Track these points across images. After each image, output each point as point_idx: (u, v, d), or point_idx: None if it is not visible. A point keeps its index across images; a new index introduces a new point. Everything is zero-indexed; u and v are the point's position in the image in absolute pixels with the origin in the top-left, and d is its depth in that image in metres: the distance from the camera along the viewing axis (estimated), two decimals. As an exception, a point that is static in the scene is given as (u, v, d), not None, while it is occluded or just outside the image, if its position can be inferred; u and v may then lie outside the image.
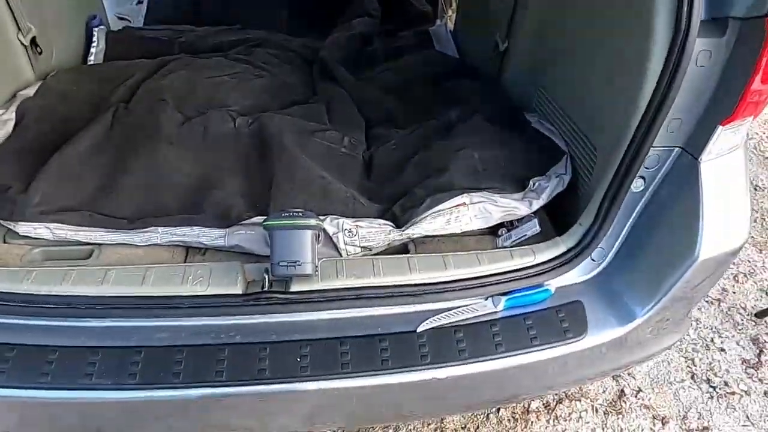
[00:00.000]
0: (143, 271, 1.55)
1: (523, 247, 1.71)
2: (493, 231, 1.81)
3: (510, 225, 1.82)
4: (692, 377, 2.47)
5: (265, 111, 2.13)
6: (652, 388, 2.41)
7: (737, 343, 2.62)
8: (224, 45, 2.75)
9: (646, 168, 1.59)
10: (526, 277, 1.63)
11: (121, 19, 3.43)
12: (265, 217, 1.57)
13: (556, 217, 1.84)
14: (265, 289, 1.52)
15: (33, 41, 2.19)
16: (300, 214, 1.48)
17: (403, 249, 1.76)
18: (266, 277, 1.54)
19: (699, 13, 1.38)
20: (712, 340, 2.62)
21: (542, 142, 1.94)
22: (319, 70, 2.63)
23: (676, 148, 1.57)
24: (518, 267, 1.64)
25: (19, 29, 2.12)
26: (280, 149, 1.88)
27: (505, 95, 2.24)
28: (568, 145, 1.90)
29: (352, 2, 3.35)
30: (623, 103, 1.55)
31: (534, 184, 1.80)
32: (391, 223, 1.73)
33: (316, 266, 1.50)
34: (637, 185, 1.62)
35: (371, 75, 2.65)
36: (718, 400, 2.39)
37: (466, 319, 1.56)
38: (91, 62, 2.64)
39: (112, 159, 1.87)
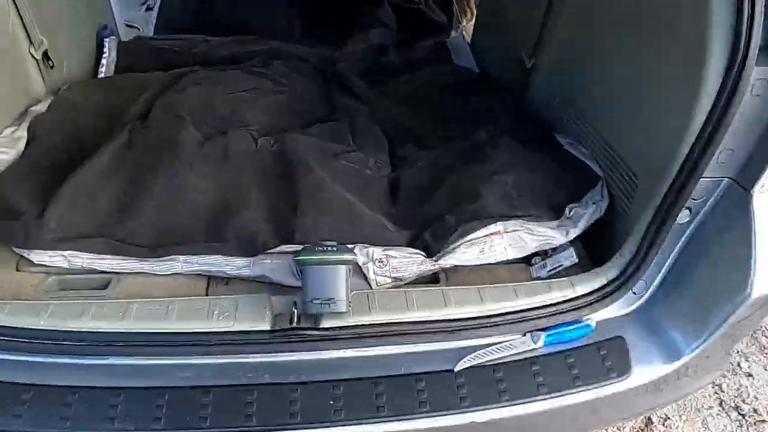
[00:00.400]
0: (166, 304, 1.47)
1: (561, 279, 1.63)
2: (526, 258, 1.74)
3: (544, 253, 1.75)
4: (720, 404, 2.40)
5: (286, 130, 2.06)
6: (680, 416, 2.34)
7: (764, 368, 2.55)
8: (239, 56, 2.67)
9: (694, 199, 1.52)
10: (566, 312, 1.56)
11: (130, 27, 3.35)
12: (294, 249, 1.50)
13: (590, 245, 1.77)
14: (294, 325, 1.45)
15: (45, 54, 2.11)
16: (334, 248, 1.40)
17: (433, 278, 1.69)
18: (294, 311, 1.47)
19: (758, 40, 1.31)
20: (738, 365, 2.55)
21: (576, 166, 1.86)
22: (337, 84, 2.56)
23: (726, 179, 1.50)
24: (557, 301, 1.57)
25: (31, 42, 2.04)
26: (305, 171, 1.81)
27: (534, 115, 2.17)
28: (604, 169, 1.83)
29: (367, 12, 3.28)
30: (671, 131, 1.48)
31: (570, 212, 1.73)
32: (423, 252, 1.65)
33: (350, 302, 1.42)
34: (682, 216, 1.54)
35: (388, 89, 2.58)
36: (747, 429, 2.32)
37: (506, 356, 1.49)
38: (102, 73, 2.56)
39: (129, 179, 1.80)
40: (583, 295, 1.59)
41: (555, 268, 1.70)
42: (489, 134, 1.99)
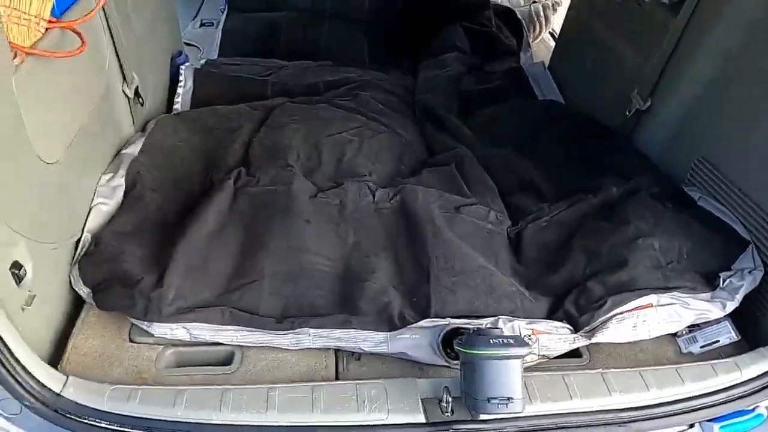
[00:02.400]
0: (310, 391, 1.34)
1: (723, 360, 1.50)
2: (671, 330, 1.61)
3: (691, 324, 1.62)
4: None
5: (397, 177, 1.92)
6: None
7: None
8: (320, 86, 2.54)
9: None
10: (736, 399, 1.43)
11: (189, 45, 3.22)
12: (435, 324, 1.37)
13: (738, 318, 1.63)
14: (450, 417, 1.32)
15: (136, 91, 1.97)
16: (512, 342, 1.26)
17: (574, 351, 1.56)
18: (448, 399, 1.33)
19: None
20: None
21: (721, 228, 1.72)
22: (425, 118, 2.42)
23: None
24: (725, 386, 1.44)
25: (125, 79, 1.91)
26: (434, 231, 1.67)
27: (655, 165, 2.03)
28: (750, 231, 1.70)
29: (440, 34, 3.14)
30: None
31: (724, 282, 1.60)
32: (569, 326, 1.52)
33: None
34: None
35: (482, 123, 2.43)
36: None
37: (683, 452, 1.36)
38: (178, 103, 2.41)
39: (242, 239, 1.67)
40: (752, 379, 1.46)
41: (709, 344, 1.57)
42: (619, 189, 1.85)
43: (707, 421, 1.40)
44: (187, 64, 2.54)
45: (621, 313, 1.53)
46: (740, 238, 1.68)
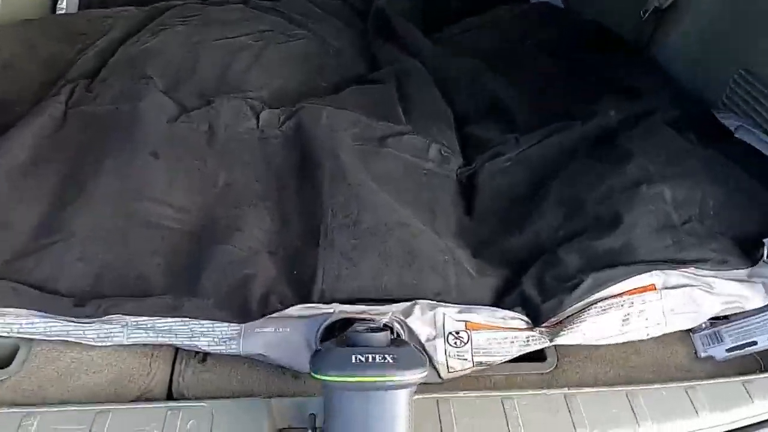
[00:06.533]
0: (90, 418, 0.84)
1: (764, 376, 0.96)
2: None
3: (714, 314, 1.07)
4: None
5: (305, 98, 1.37)
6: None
7: None
8: None
9: None
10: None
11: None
12: (318, 312, 0.86)
13: None
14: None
15: None
16: (392, 357, 0.72)
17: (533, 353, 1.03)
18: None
19: None
20: None
21: (763, 169, 1.16)
22: (375, 28, 1.83)
23: None
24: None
25: None
26: (334, 171, 1.14)
27: (676, 82, 1.44)
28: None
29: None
30: None
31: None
32: (525, 318, 0.99)
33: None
34: None
35: (449, 37, 1.85)
36: None
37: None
38: (62, 11, 1.88)
39: (60, 180, 1.15)
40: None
41: (740, 346, 1.03)
42: (622, 113, 1.27)
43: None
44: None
45: (605, 298, 0.99)
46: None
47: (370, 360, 0.70)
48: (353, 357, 0.70)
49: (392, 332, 0.89)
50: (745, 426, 0.91)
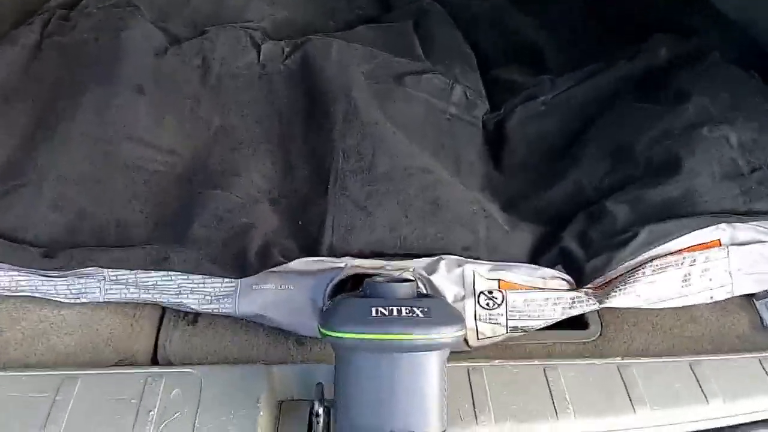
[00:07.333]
0: (56, 383, 0.71)
1: None
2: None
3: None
4: None
5: (312, 32, 1.21)
6: None
7: None
8: None
9: None
10: None
11: None
12: (326, 266, 0.73)
13: None
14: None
15: None
16: (421, 311, 0.58)
17: (575, 319, 0.89)
18: (319, 412, 0.68)
19: None
20: None
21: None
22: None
23: None
24: None
25: None
26: (346, 109, 0.99)
27: (735, 21, 1.27)
28: None
29: None
30: None
31: None
32: (568, 278, 0.85)
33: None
34: None
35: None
36: None
37: None
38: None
39: (32, 118, 1.01)
40: None
41: (818, 313, 0.89)
42: (674, 49, 1.12)
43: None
44: None
45: (663, 256, 0.85)
46: None
47: (395, 313, 0.55)
48: (373, 309, 0.55)
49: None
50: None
